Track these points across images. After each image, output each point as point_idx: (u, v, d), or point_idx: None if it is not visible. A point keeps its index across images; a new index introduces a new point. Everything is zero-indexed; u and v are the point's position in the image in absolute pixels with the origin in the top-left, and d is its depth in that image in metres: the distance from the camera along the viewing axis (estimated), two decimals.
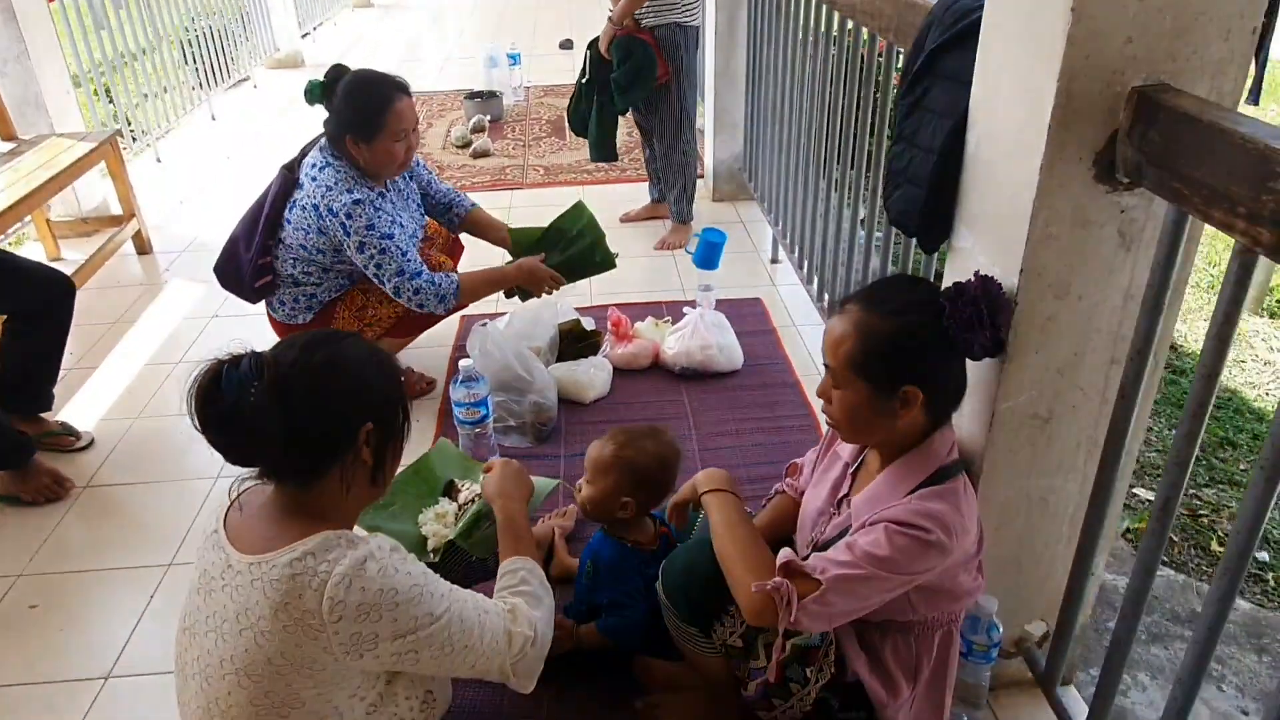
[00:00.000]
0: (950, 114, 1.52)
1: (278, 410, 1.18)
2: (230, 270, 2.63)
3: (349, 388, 1.25)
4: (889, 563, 1.32)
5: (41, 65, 3.86)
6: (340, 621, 1.16)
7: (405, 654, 1.23)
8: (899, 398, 1.37)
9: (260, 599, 1.17)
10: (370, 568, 1.19)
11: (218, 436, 1.19)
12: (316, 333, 1.30)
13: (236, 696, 1.19)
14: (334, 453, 1.25)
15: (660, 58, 3.54)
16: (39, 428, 2.57)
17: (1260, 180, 1.00)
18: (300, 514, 1.25)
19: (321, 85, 2.48)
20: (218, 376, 1.18)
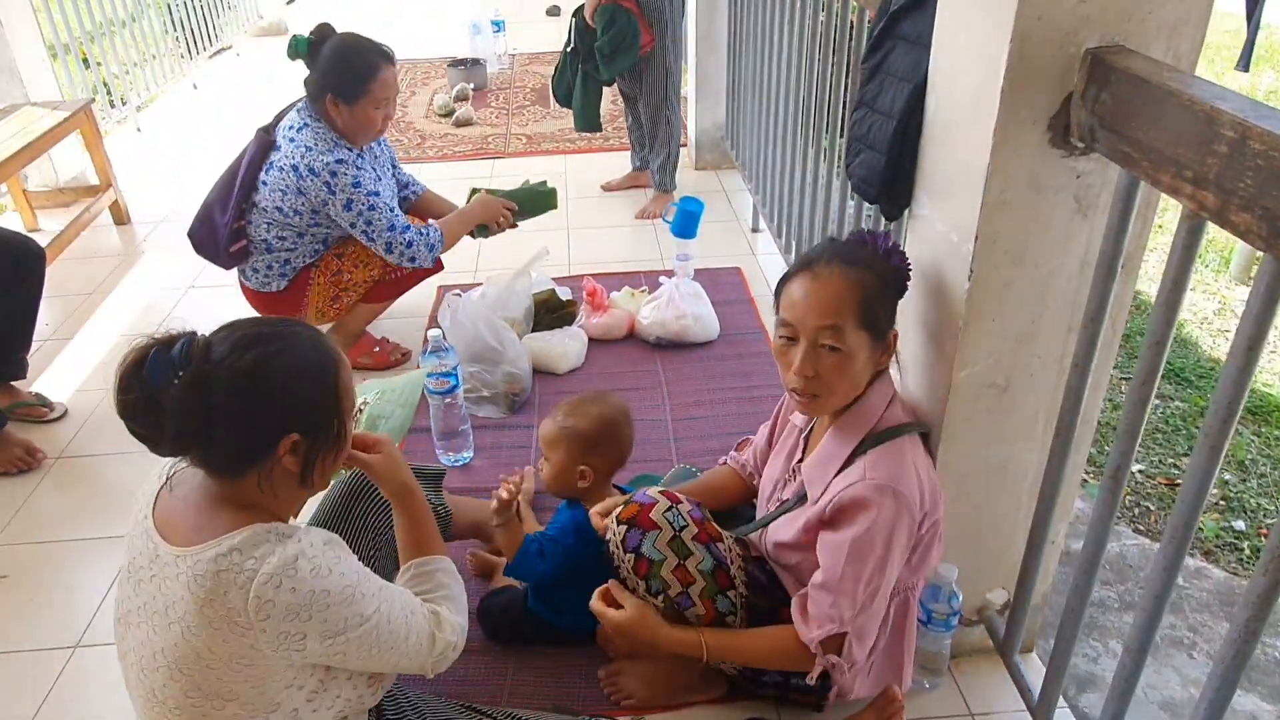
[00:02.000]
0: (910, 78, 1.50)
1: (195, 408, 1.12)
2: (205, 236, 2.61)
3: (273, 397, 1.18)
4: (871, 553, 1.38)
5: (15, 33, 3.81)
6: (267, 620, 1.12)
7: (333, 654, 1.19)
8: (885, 344, 1.45)
9: (185, 594, 1.13)
10: (302, 566, 1.13)
11: (132, 425, 1.15)
12: (261, 326, 1.22)
13: (171, 689, 1.17)
14: (250, 459, 1.19)
15: (645, 25, 3.49)
16: (12, 398, 2.56)
17: (1205, 143, 0.99)
18: (230, 503, 1.19)
19: (307, 42, 2.48)
20: (141, 361, 1.13)
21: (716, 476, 1.90)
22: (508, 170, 4.35)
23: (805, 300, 1.42)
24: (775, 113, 3.04)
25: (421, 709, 1.46)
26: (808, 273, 1.44)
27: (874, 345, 1.43)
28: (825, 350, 1.40)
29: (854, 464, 1.43)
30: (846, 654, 1.42)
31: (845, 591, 1.39)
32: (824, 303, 1.40)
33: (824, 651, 1.43)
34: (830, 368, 1.40)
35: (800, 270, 1.46)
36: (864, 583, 1.39)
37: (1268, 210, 0.91)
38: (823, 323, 1.40)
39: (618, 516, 1.55)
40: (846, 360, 1.40)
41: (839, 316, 1.39)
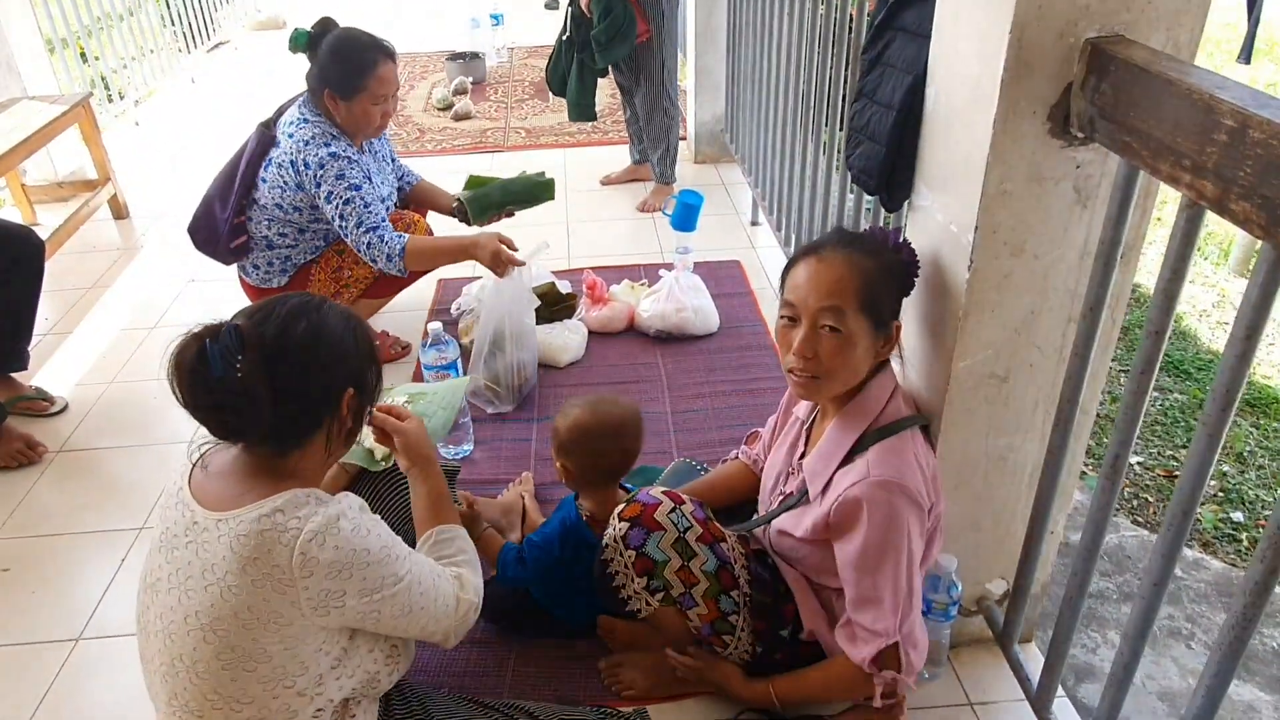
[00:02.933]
0: (910, 69, 1.50)
1: (266, 381, 1.18)
2: (205, 231, 2.61)
3: (333, 356, 1.26)
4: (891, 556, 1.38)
5: (12, 27, 3.80)
6: (311, 578, 1.17)
7: (369, 613, 1.25)
8: (886, 333, 1.44)
9: (228, 554, 1.18)
10: (344, 526, 1.20)
11: (207, 411, 1.20)
12: (293, 301, 1.28)
13: (202, 651, 1.20)
14: (319, 419, 1.27)
15: (641, 15, 3.48)
16: (12, 391, 2.56)
17: (1204, 132, 0.99)
18: (269, 473, 1.25)
19: (308, 35, 2.46)
20: (202, 351, 1.17)
21: (727, 472, 1.89)
22: (506, 164, 4.34)
23: (808, 281, 1.42)
24: (775, 106, 3.04)
25: (427, 704, 1.47)
26: (813, 256, 1.45)
27: (875, 333, 1.43)
28: (825, 332, 1.40)
29: (857, 460, 1.43)
30: (906, 665, 1.43)
31: (882, 601, 1.39)
32: (826, 284, 1.41)
33: (879, 669, 1.43)
34: (829, 350, 1.41)
35: (806, 254, 1.47)
36: (896, 586, 1.39)
37: (1267, 199, 0.91)
38: (824, 304, 1.40)
39: (619, 514, 1.56)
40: (846, 343, 1.40)
41: (840, 298, 1.40)
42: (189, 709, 1.23)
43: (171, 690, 1.24)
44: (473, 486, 2.21)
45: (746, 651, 1.57)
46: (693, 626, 1.54)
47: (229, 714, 1.22)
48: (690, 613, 1.52)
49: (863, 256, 1.41)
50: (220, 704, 1.21)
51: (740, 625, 1.54)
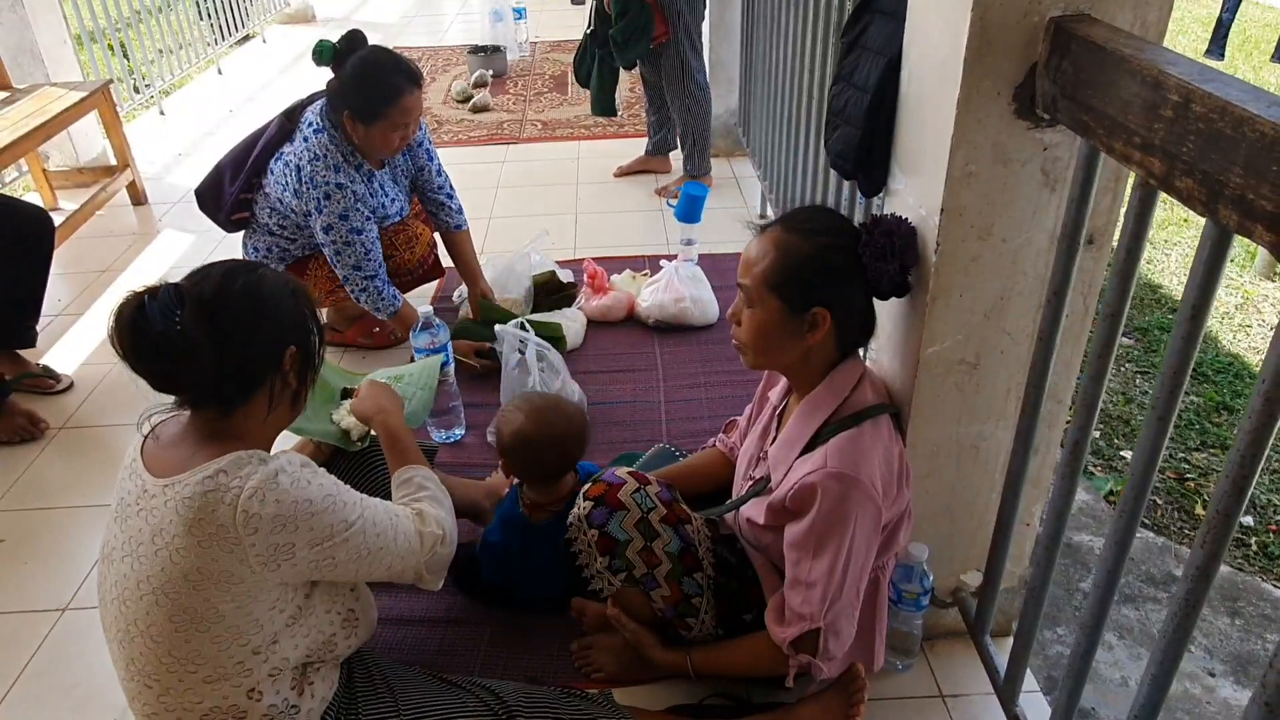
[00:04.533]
0: (886, 51, 1.48)
1: (206, 336, 1.21)
2: (211, 197, 2.64)
3: (271, 313, 1.28)
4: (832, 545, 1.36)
5: (37, 16, 3.88)
6: (256, 534, 1.20)
7: (323, 561, 1.27)
8: (808, 319, 1.39)
9: (174, 517, 1.20)
10: (283, 480, 1.22)
11: (147, 364, 1.22)
12: (229, 263, 1.32)
13: (155, 615, 1.22)
14: (262, 376, 1.29)
15: (660, 17, 3.49)
16: (19, 369, 2.62)
17: (1152, 108, 0.97)
18: (216, 438, 1.27)
19: (333, 50, 2.37)
20: (140, 307, 1.20)
21: (703, 459, 1.90)
22: (519, 156, 4.37)
23: (743, 256, 1.47)
24: (787, 100, 3.02)
25: (390, 678, 1.48)
26: (760, 231, 1.47)
27: (787, 315, 1.40)
28: (744, 306, 1.44)
29: (816, 450, 1.42)
30: (822, 650, 1.42)
31: (814, 586, 1.39)
32: (747, 260, 1.45)
33: (796, 651, 1.43)
34: (746, 324, 1.45)
35: (760, 228, 1.49)
36: (830, 575, 1.37)
37: (1207, 174, 0.90)
38: (740, 279, 1.45)
39: (585, 493, 1.56)
40: (756, 320, 1.43)
41: (750, 275, 1.43)
42: (145, 673, 1.25)
43: (129, 656, 1.27)
44: (463, 470, 2.22)
45: (711, 634, 1.57)
46: (656, 608, 1.54)
47: (183, 675, 1.24)
48: (653, 594, 1.52)
49: (796, 237, 1.40)
50: (175, 666, 1.23)
51: (703, 608, 1.54)
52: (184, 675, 1.24)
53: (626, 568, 1.51)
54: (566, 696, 1.53)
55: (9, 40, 3.81)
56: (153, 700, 1.26)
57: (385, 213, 2.59)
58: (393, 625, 1.82)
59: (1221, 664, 2.34)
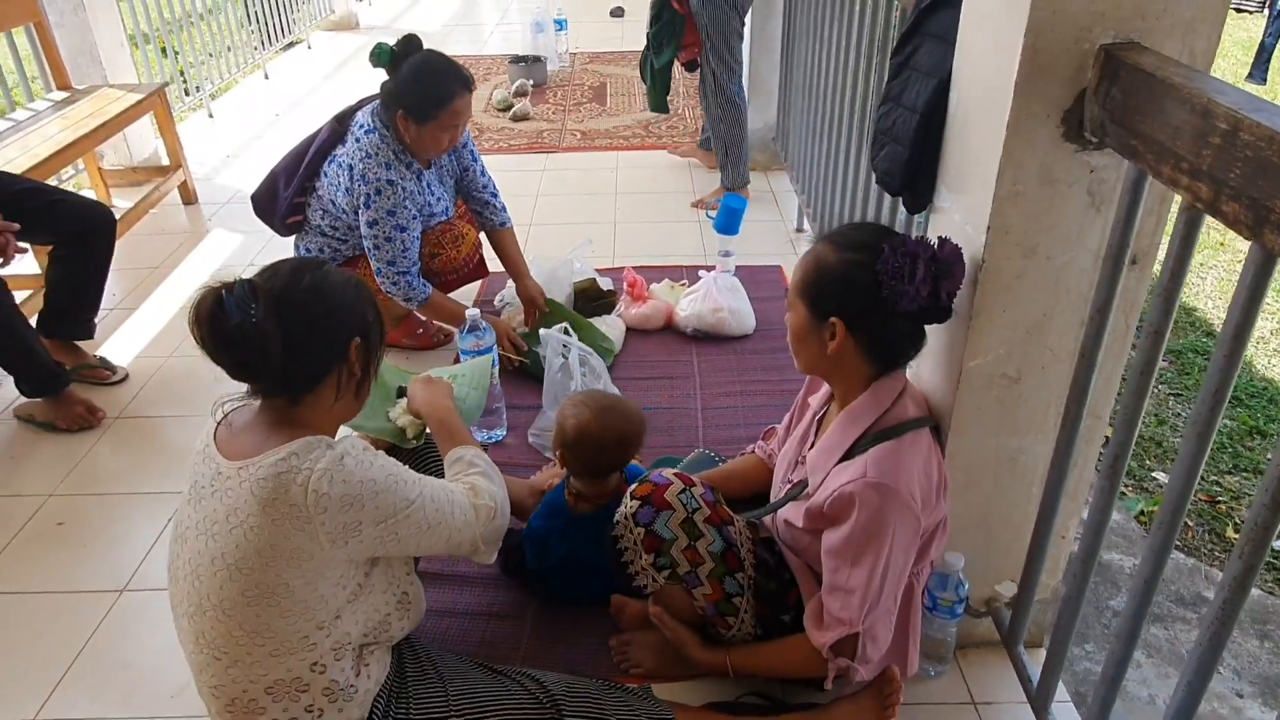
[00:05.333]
0: (935, 73, 1.53)
1: (278, 328, 1.28)
2: (266, 202, 2.73)
3: (336, 306, 1.36)
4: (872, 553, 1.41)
5: (97, 19, 4.00)
6: (325, 513, 1.27)
7: (387, 537, 1.35)
8: (828, 327, 1.45)
9: (249, 497, 1.27)
10: (348, 462, 1.30)
11: (225, 354, 1.30)
12: (295, 260, 1.40)
13: (228, 590, 1.29)
14: (329, 365, 1.36)
15: (692, 29, 3.60)
16: (78, 359, 2.71)
17: (1201, 135, 1.01)
18: (285, 425, 1.34)
19: (391, 53, 2.46)
20: (219, 300, 1.27)
21: (742, 464, 1.95)
22: (558, 165, 4.44)
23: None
24: (825, 115, 3.07)
25: (439, 665, 1.54)
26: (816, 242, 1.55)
27: (813, 322, 1.47)
28: (787, 309, 1.54)
29: (856, 459, 1.46)
30: (860, 655, 1.46)
31: (853, 592, 1.43)
32: (796, 270, 1.53)
33: (835, 655, 1.47)
34: (789, 327, 1.54)
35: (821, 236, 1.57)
36: (869, 582, 1.42)
37: (1254, 200, 0.93)
38: (788, 286, 1.55)
39: (632, 493, 1.61)
40: (792, 323, 1.52)
41: (792, 283, 1.52)
42: (215, 646, 1.32)
43: (199, 630, 1.33)
44: (505, 469, 2.25)
45: (749, 634, 1.61)
46: (698, 606, 1.59)
47: (252, 648, 1.30)
48: (695, 592, 1.57)
49: (830, 250, 1.47)
50: (244, 639, 1.30)
51: (744, 607, 1.58)
52: (253, 648, 1.30)
53: (671, 565, 1.56)
54: (608, 688, 1.58)
55: (70, 42, 3.94)
56: (220, 672, 1.33)
57: (432, 211, 2.67)
58: (437, 616, 1.87)
59: (1250, 685, 2.35)
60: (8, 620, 1.94)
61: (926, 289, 1.34)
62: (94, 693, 1.77)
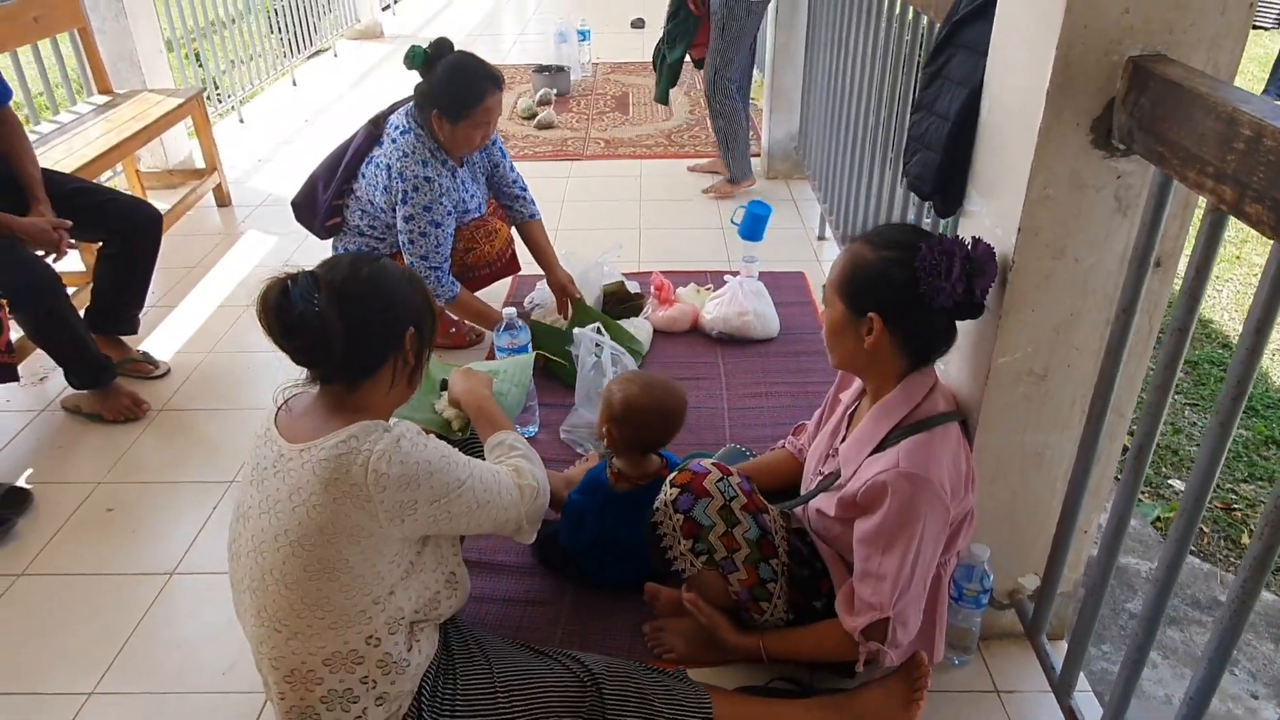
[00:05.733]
0: (967, 83, 1.59)
1: (339, 317, 1.36)
2: (306, 206, 2.82)
3: (393, 297, 1.44)
4: (903, 540, 1.47)
5: (138, 26, 4.11)
6: (384, 491, 1.34)
7: (440, 516, 1.42)
8: (866, 322, 1.52)
9: (311, 477, 1.34)
10: (404, 445, 1.37)
11: (290, 341, 1.38)
12: (354, 254, 1.48)
13: (290, 564, 1.36)
14: (385, 353, 1.44)
15: (705, 26, 3.84)
16: (122, 354, 2.80)
17: (1226, 141, 1.08)
18: (343, 410, 1.42)
19: (424, 55, 2.58)
20: (285, 290, 1.36)
21: (772, 458, 2.01)
22: (583, 173, 4.52)
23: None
24: (846, 124, 3.14)
25: (484, 644, 1.61)
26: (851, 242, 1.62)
27: (850, 318, 1.54)
28: (824, 306, 1.61)
29: (888, 450, 1.53)
30: (890, 639, 1.52)
31: (884, 578, 1.49)
32: (833, 268, 1.59)
33: (865, 639, 1.53)
34: (826, 324, 1.61)
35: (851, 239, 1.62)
36: (900, 569, 1.48)
37: (1276, 201, 1.00)
38: (826, 284, 1.61)
39: (671, 480, 1.67)
40: (829, 320, 1.59)
41: (830, 281, 1.59)
42: (276, 619, 1.39)
43: (260, 604, 1.40)
44: None
45: (781, 620, 1.67)
46: (732, 591, 1.65)
47: (312, 621, 1.37)
48: (731, 577, 1.63)
49: (871, 250, 1.54)
50: (305, 612, 1.37)
51: (777, 593, 1.64)
52: (312, 620, 1.37)
53: (708, 551, 1.62)
54: (645, 669, 1.64)
55: (111, 48, 4.05)
56: (281, 644, 1.39)
57: (466, 207, 2.76)
58: (475, 603, 1.94)
59: (1265, 687, 2.39)
60: (65, 599, 2.02)
61: (961, 285, 1.40)
62: (148, 669, 1.85)
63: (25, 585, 2.06)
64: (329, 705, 1.41)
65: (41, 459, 2.49)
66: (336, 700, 1.41)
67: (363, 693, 1.41)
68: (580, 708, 1.54)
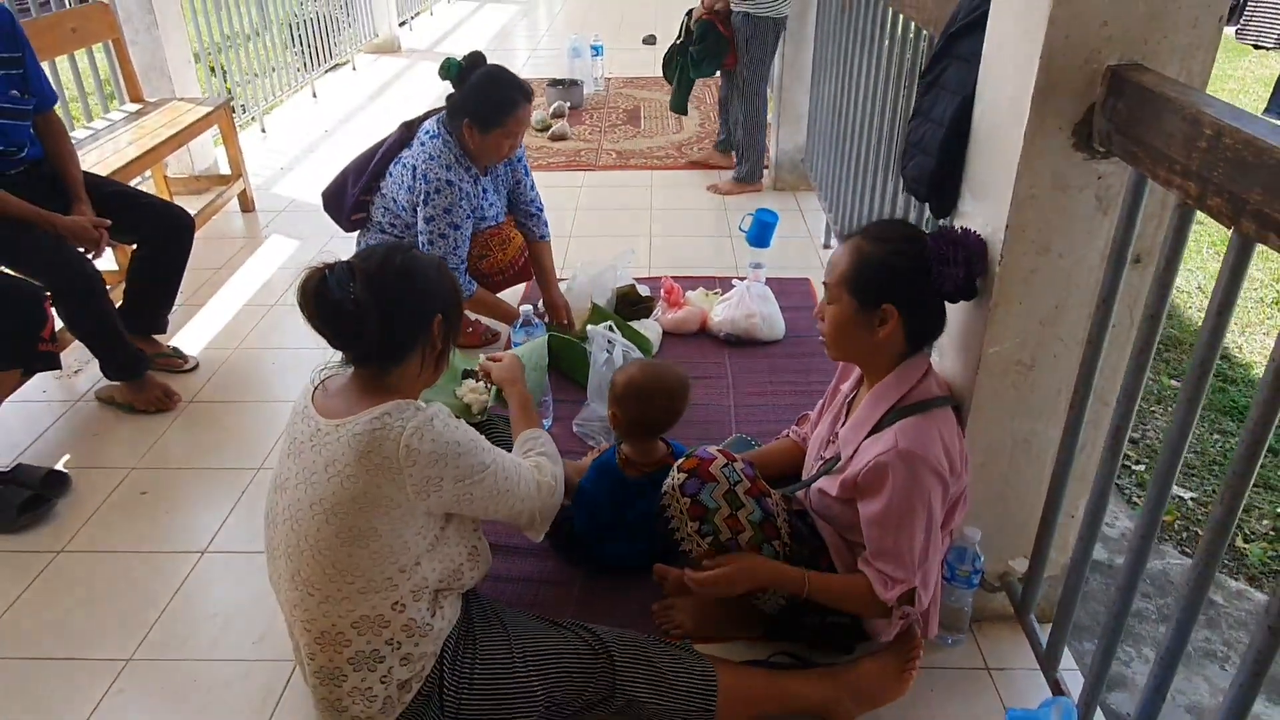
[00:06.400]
0: (960, 91, 1.70)
1: (374, 305, 1.47)
2: (335, 198, 2.94)
3: (423, 286, 1.54)
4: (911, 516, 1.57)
5: (168, 37, 4.26)
6: (414, 466, 1.44)
7: (463, 495, 1.51)
8: (878, 314, 1.61)
9: (346, 450, 1.44)
10: (437, 424, 1.47)
11: (327, 326, 1.49)
12: (388, 245, 1.58)
13: (324, 531, 1.46)
14: (416, 338, 1.54)
15: (733, 47, 4.07)
16: (153, 349, 2.92)
17: (1191, 140, 1.18)
18: (375, 391, 1.52)
19: (459, 66, 2.70)
20: (323, 279, 1.47)
21: (777, 447, 2.11)
22: (596, 182, 4.65)
23: (829, 260, 1.70)
24: (853, 139, 3.25)
25: (501, 615, 1.70)
26: (844, 241, 1.70)
27: (861, 312, 1.62)
28: (828, 303, 1.68)
29: (885, 431, 1.62)
30: (917, 602, 1.63)
31: (904, 553, 1.59)
32: (833, 264, 1.68)
33: (899, 606, 1.63)
34: (829, 318, 1.68)
35: (844, 238, 1.70)
36: (915, 542, 1.58)
37: (1233, 194, 1.10)
38: (827, 279, 1.69)
39: (679, 466, 1.77)
40: (837, 315, 1.66)
41: (833, 277, 1.67)
42: (309, 583, 1.49)
43: (294, 569, 1.50)
44: None
45: (782, 599, 1.76)
46: None
47: (342, 585, 1.47)
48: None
49: (873, 244, 1.63)
50: (336, 577, 1.47)
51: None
52: (343, 585, 1.47)
53: (714, 532, 1.72)
54: (654, 640, 1.74)
55: (143, 58, 4.19)
56: (313, 607, 1.49)
57: (484, 215, 2.87)
58: (491, 582, 2.01)
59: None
60: (102, 574, 2.13)
61: (961, 271, 1.53)
62: (184, 637, 1.95)
63: (65, 560, 2.17)
64: (355, 665, 1.50)
65: (78, 445, 2.60)
66: (364, 661, 1.50)
67: (388, 653, 1.51)
68: (593, 674, 1.64)
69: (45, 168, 2.68)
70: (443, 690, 1.56)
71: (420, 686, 1.54)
